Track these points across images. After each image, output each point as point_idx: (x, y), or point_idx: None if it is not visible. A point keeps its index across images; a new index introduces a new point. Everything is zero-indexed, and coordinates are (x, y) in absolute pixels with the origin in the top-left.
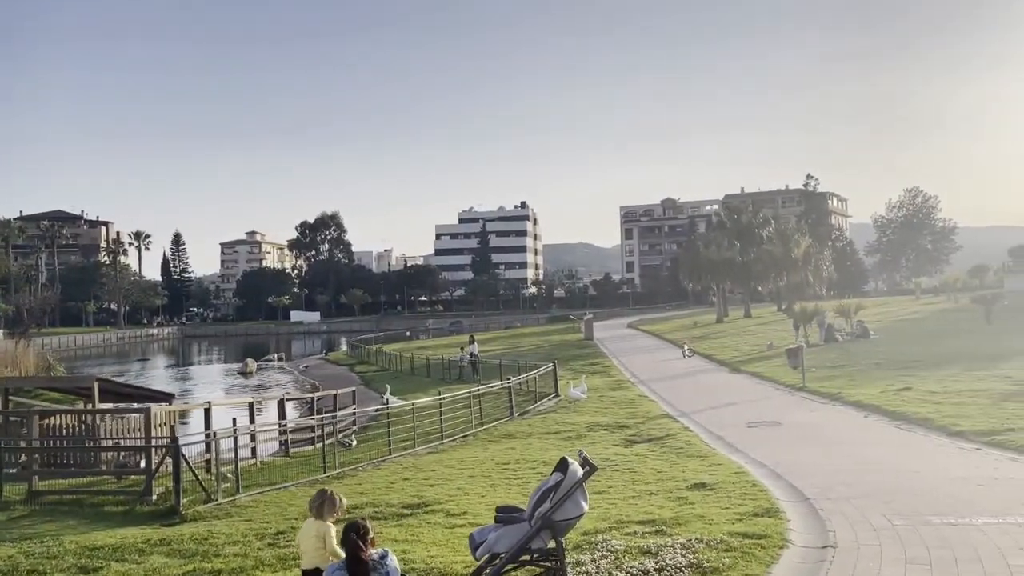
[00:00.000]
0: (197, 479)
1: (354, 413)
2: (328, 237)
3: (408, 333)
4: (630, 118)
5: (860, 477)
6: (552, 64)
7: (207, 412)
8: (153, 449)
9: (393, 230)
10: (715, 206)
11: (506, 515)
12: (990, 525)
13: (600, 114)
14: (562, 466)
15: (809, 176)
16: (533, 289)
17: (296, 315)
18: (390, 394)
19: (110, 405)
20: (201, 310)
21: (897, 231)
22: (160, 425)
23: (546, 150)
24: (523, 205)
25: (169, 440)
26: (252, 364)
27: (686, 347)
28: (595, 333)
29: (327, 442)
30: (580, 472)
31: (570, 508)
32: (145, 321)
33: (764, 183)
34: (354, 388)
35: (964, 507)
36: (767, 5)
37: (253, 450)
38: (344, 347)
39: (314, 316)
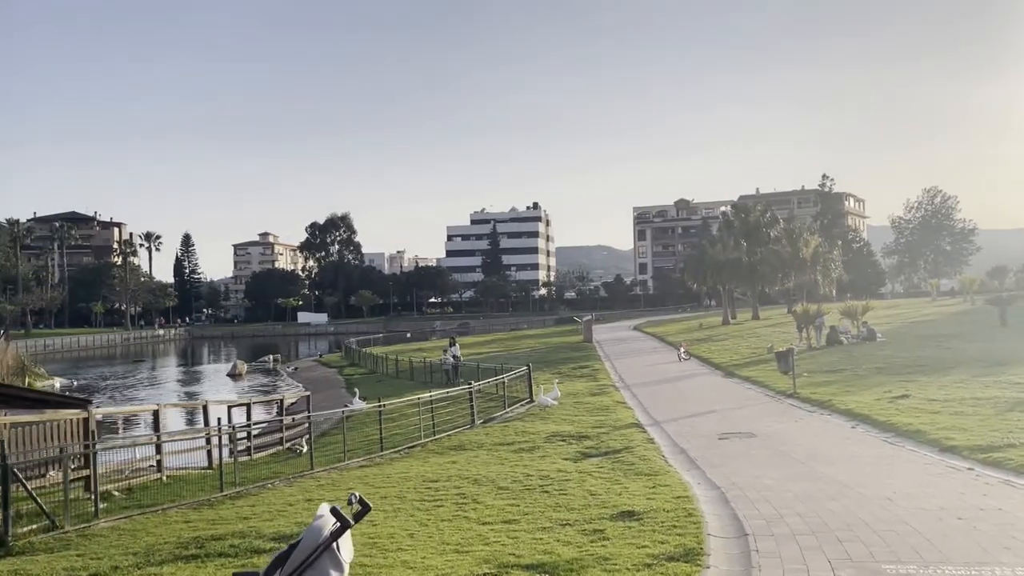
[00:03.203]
0: (37, 503)
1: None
2: (338, 238)
3: (409, 335)
4: (648, 121)
5: (820, 505)
6: (568, 67)
7: (156, 416)
8: None
9: (407, 232)
10: (729, 207)
11: None
12: None
13: (618, 117)
14: (337, 515)
15: (825, 177)
16: (543, 291)
17: (303, 316)
18: (359, 398)
19: None
20: (211, 311)
21: (915, 232)
22: (68, 435)
23: (563, 153)
24: (535, 206)
25: None
26: (242, 366)
27: (682, 350)
28: (597, 335)
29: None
30: (326, 530)
31: None
32: (160, 321)
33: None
34: (308, 393)
35: (931, 551)
36: (786, 6)
37: (158, 463)
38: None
39: (321, 317)
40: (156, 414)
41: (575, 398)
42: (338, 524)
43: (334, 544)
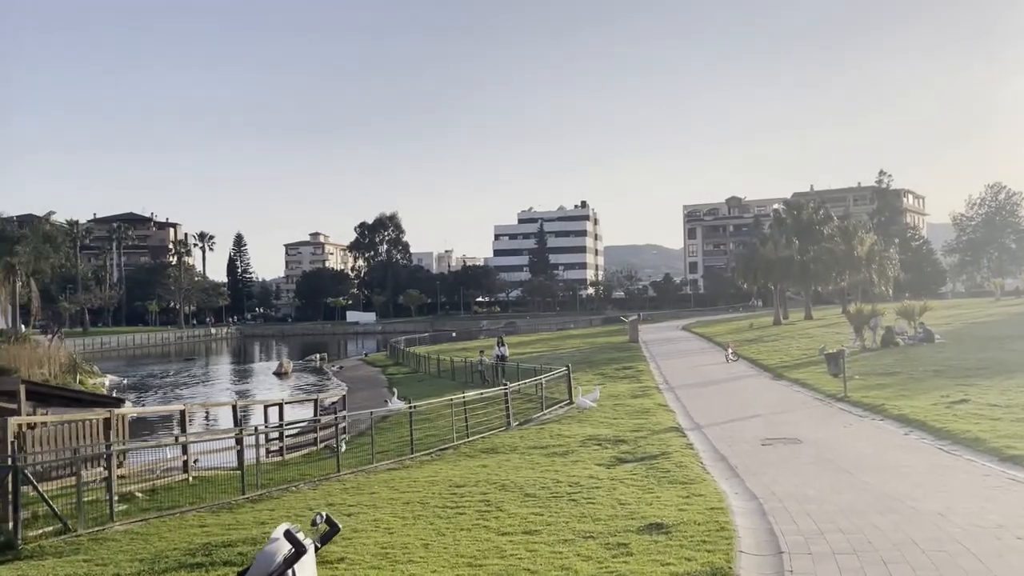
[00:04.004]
0: (49, 506)
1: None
2: (387, 238)
3: (454, 334)
4: (700, 118)
5: (866, 520)
6: (618, 66)
7: (183, 416)
8: None
9: (455, 232)
10: (781, 205)
11: None
12: None
13: (668, 115)
14: (291, 539)
15: (882, 173)
16: (591, 290)
17: (352, 315)
18: (398, 398)
19: None
20: (262, 310)
21: (978, 230)
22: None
23: (613, 152)
24: (583, 205)
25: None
26: (288, 365)
27: (730, 350)
28: (643, 335)
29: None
30: (279, 556)
31: None
32: (208, 320)
33: (836, 181)
34: (343, 393)
35: None
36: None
37: (184, 463)
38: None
39: (370, 317)
40: (183, 414)
41: (616, 400)
42: (293, 550)
43: (288, 572)
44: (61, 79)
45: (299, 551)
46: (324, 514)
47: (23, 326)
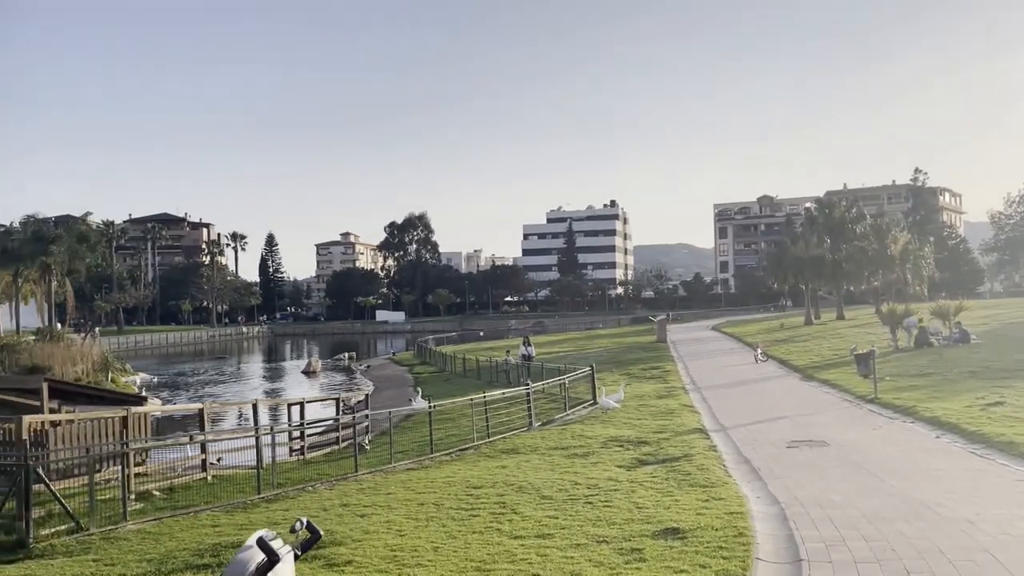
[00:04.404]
0: (62, 504)
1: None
2: (416, 237)
3: (482, 333)
4: (732, 116)
5: (891, 526)
6: (647, 65)
7: (201, 414)
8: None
9: (484, 232)
10: (813, 203)
11: None
12: None
13: (699, 113)
14: (264, 547)
15: (917, 170)
16: (620, 290)
17: (381, 315)
18: (422, 398)
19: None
20: (294, 309)
21: (1017, 228)
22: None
23: (643, 150)
24: (612, 204)
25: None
26: (316, 364)
27: (759, 351)
28: (672, 335)
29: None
30: (252, 565)
31: None
32: (240, 319)
33: (870, 179)
34: (367, 392)
35: None
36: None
37: (203, 462)
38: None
39: (399, 316)
40: (201, 413)
41: (640, 400)
42: (266, 559)
43: None
44: (95, 79)
45: (272, 560)
46: (305, 520)
47: (59, 324)
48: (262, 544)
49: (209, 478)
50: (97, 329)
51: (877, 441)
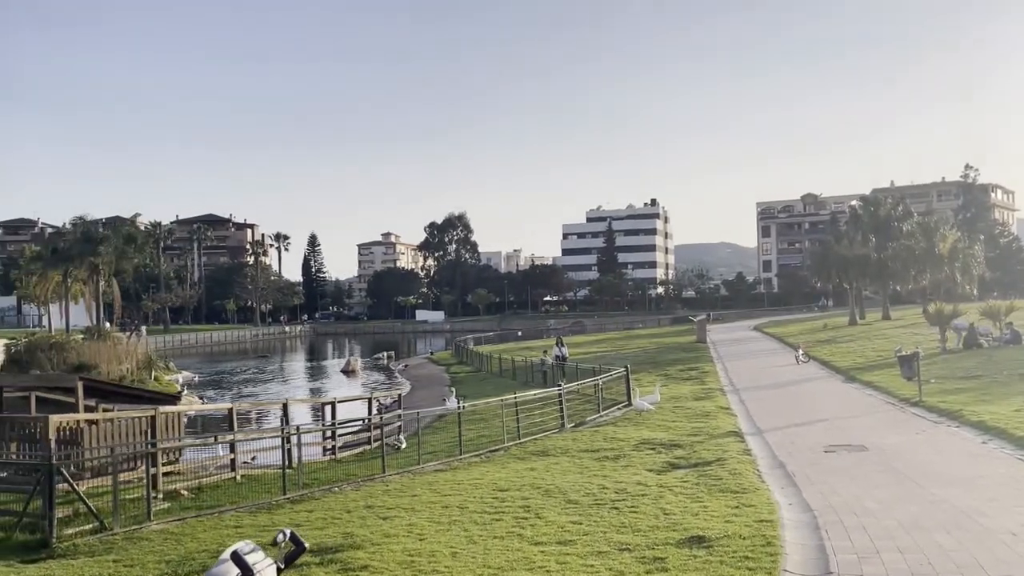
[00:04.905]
0: (86, 504)
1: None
2: (455, 237)
3: (520, 333)
4: (774, 113)
5: (928, 537)
6: (687, 63)
7: (231, 414)
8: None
9: (523, 231)
10: (858, 201)
11: None
12: None
13: (741, 110)
14: (238, 562)
15: (968, 167)
16: (661, 289)
17: (421, 314)
18: (455, 398)
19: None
20: (335, 309)
21: None
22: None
23: (684, 148)
24: (653, 203)
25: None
26: (355, 363)
27: (800, 351)
28: (713, 335)
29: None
30: None
31: None
32: (283, 319)
33: (918, 177)
34: (400, 392)
35: None
36: None
37: (232, 462)
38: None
39: (438, 315)
40: (231, 412)
41: (676, 402)
42: (239, 574)
43: None
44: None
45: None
46: (288, 531)
47: (107, 323)
48: (236, 559)
49: (238, 478)
50: (143, 328)
51: (919, 446)
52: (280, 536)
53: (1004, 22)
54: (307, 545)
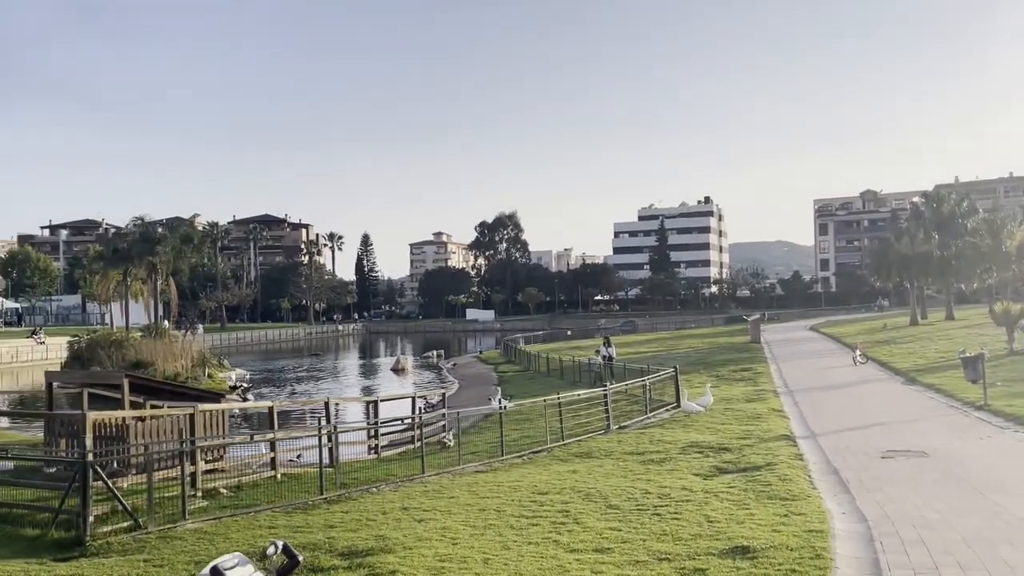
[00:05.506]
0: (120, 502)
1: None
2: (506, 236)
3: (569, 332)
4: (833, 110)
5: (992, 551)
6: (740, 60)
7: (271, 412)
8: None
9: (575, 230)
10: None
11: None
12: None
13: (801, 106)
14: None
15: None
16: (714, 288)
17: (471, 313)
18: (501, 397)
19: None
20: (388, 307)
21: None
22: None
23: (738, 145)
24: (707, 201)
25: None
26: (405, 361)
27: (858, 352)
28: (768, 335)
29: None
30: None
31: None
32: (335, 317)
33: (985, 172)
34: (444, 391)
35: None
36: None
37: (272, 460)
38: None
39: (488, 314)
40: (271, 411)
41: (727, 404)
42: None
43: None
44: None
45: None
46: (281, 543)
47: (166, 322)
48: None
49: (278, 477)
50: (200, 326)
51: (983, 452)
52: (271, 548)
53: None
54: (301, 559)
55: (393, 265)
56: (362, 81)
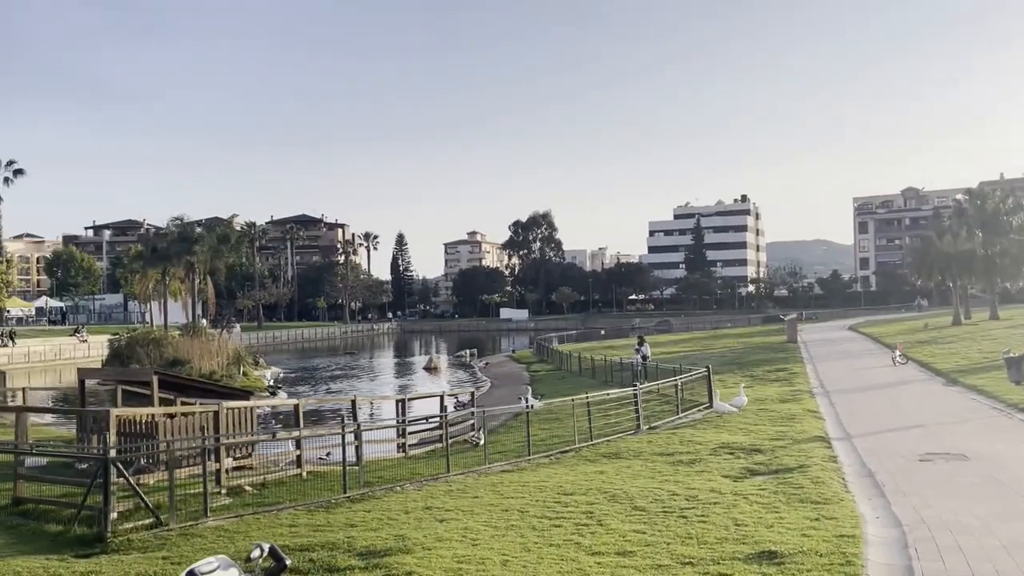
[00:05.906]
0: (142, 499)
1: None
2: (540, 236)
3: (603, 332)
4: (872, 107)
5: None
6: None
7: (296, 410)
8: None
9: (609, 229)
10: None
11: None
12: None
13: (840, 104)
14: None
15: None
16: (751, 288)
17: (505, 312)
18: (532, 396)
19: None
20: (422, 307)
21: None
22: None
23: (776, 144)
24: (743, 199)
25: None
26: (438, 360)
27: (897, 352)
28: (805, 335)
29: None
30: None
31: None
32: (370, 316)
33: None
34: (473, 390)
35: None
36: None
37: (298, 458)
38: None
39: (522, 314)
40: (296, 408)
41: (761, 404)
42: None
43: None
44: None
45: None
46: (267, 546)
47: (203, 320)
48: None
49: (304, 474)
50: (238, 325)
51: None
52: (257, 551)
53: None
54: (288, 562)
55: (428, 265)
56: (399, 81)
